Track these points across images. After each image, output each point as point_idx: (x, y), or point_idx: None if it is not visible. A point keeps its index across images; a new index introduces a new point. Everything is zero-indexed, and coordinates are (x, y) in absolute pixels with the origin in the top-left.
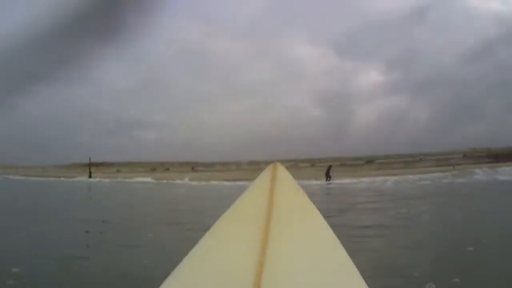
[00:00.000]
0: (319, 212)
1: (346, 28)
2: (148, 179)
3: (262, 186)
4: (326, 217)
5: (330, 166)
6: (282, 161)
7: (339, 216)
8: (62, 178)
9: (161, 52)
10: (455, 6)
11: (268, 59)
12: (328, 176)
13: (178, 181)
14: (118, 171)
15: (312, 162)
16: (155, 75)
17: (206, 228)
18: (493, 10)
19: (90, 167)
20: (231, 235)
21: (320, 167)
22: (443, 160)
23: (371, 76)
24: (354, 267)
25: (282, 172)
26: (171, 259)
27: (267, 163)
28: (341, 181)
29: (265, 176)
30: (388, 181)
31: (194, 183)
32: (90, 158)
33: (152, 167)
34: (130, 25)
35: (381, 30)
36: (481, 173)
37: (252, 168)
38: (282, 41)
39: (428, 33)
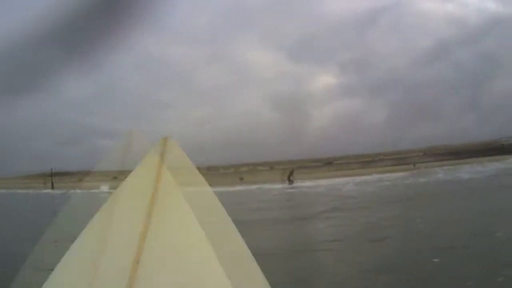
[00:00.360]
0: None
1: (300, 33)
2: (105, 189)
3: (149, 168)
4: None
5: (293, 170)
6: (241, 165)
7: (301, 227)
8: (30, 191)
9: (120, 60)
10: (409, 9)
11: (223, 65)
12: (290, 180)
13: None
14: (80, 180)
15: (271, 165)
16: (115, 84)
17: None
18: (448, 12)
19: (52, 177)
20: (111, 229)
21: (279, 170)
22: (402, 159)
23: (325, 79)
24: (217, 261)
25: (173, 149)
26: None
27: (225, 168)
28: (304, 184)
29: (153, 156)
30: (349, 183)
31: None
32: (52, 169)
33: (114, 175)
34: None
35: (334, 34)
36: (442, 172)
37: (211, 173)
38: (237, 47)
39: (381, 36)
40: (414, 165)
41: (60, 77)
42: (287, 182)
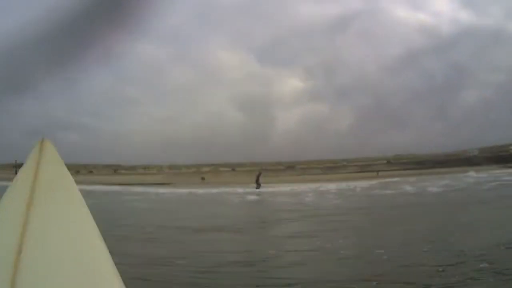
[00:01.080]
0: (84, 203)
1: (269, 36)
2: None
3: (27, 172)
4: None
5: (260, 173)
6: (203, 165)
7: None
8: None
9: (85, 54)
10: (381, 16)
11: (190, 64)
12: (258, 183)
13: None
14: None
15: (233, 167)
16: (79, 77)
17: None
18: (420, 21)
19: (17, 169)
20: None
21: (241, 172)
22: (366, 166)
23: (293, 83)
24: (110, 258)
25: (50, 153)
26: None
27: (188, 167)
28: (270, 189)
29: (32, 159)
30: (309, 193)
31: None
32: (16, 161)
33: (76, 170)
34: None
35: (304, 38)
36: (408, 183)
37: (172, 172)
38: (204, 47)
39: (352, 42)
40: (377, 173)
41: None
42: (255, 185)
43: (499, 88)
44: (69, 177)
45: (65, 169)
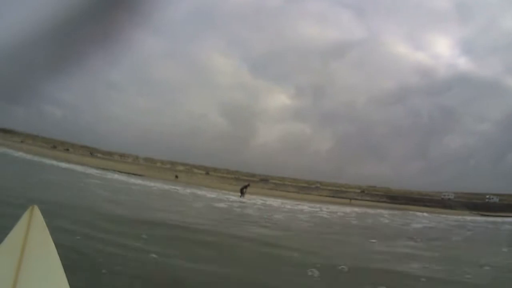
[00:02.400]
0: (63, 273)
1: (265, 49)
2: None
3: (16, 238)
4: None
5: (248, 185)
6: (178, 163)
7: None
8: None
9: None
10: (380, 49)
11: (182, 61)
12: (242, 192)
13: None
14: (22, 142)
15: (207, 170)
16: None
17: None
18: (417, 61)
19: None
20: None
21: (215, 178)
22: (339, 192)
23: (280, 99)
24: None
25: (38, 222)
26: None
27: (163, 162)
28: (251, 200)
29: (21, 225)
30: (282, 209)
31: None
32: None
33: (53, 144)
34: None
35: (299, 57)
36: (387, 216)
37: (147, 164)
38: (200, 47)
39: (346, 69)
40: (350, 200)
41: None
42: (240, 194)
43: (483, 138)
44: (52, 246)
45: (50, 237)
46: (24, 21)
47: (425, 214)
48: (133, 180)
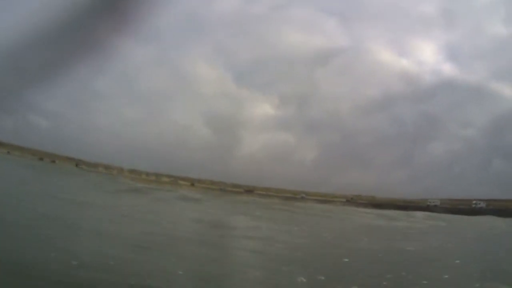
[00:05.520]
0: None
1: (249, 57)
2: None
3: None
4: None
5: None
6: (162, 175)
7: None
8: None
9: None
10: (365, 57)
11: (167, 70)
12: None
13: None
14: (8, 153)
15: (192, 182)
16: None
17: None
18: (402, 67)
19: None
20: None
21: (200, 189)
22: (324, 201)
23: (264, 108)
24: None
25: None
26: None
27: (148, 174)
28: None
29: None
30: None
31: None
32: None
33: (40, 156)
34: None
35: (283, 66)
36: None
37: (132, 176)
38: (185, 56)
39: (330, 77)
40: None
41: None
42: None
43: (467, 144)
44: None
45: None
46: (10, 30)
47: None
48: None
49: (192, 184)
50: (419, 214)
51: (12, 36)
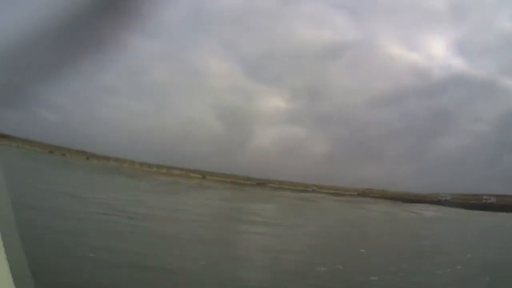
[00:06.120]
0: None
1: (259, 51)
2: None
3: None
4: None
5: None
6: (173, 168)
7: None
8: None
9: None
10: (375, 51)
11: (176, 64)
12: None
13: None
14: (18, 147)
15: (203, 174)
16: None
17: None
18: (412, 61)
19: None
20: None
21: (212, 181)
22: (336, 195)
23: (275, 102)
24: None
25: None
26: None
27: (159, 166)
28: None
29: None
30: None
31: None
32: None
33: (50, 150)
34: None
35: (294, 59)
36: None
37: (143, 169)
38: (194, 50)
39: (341, 71)
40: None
41: None
42: None
43: (479, 138)
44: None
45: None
46: (19, 25)
47: None
48: None
49: (204, 177)
50: (432, 208)
51: (18, 32)
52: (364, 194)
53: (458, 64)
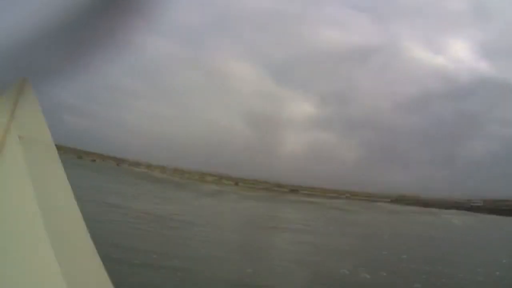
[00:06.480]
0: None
1: (287, 55)
2: None
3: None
4: None
5: None
6: (206, 174)
7: None
8: None
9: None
10: (400, 55)
11: (202, 68)
12: None
13: None
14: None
15: (236, 181)
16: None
17: None
18: (438, 65)
19: None
20: None
21: (245, 188)
22: (370, 201)
23: (304, 107)
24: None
25: (29, 96)
26: None
27: (190, 173)
28: None
29: (8, 98)
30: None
31: None
32: None
33: (79, 155)
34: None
35: (321, 64)
36: None
37: (177, 176)
38: (220, 55)
39: (368, 75)
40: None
41: None
42: None
43: (507, 142)
44: (45, 127)
45: (42, 117)
46: (38, 25)
47: None
48: None
49: (236, 183)
50: (464, 214)
51: (36, 32)
52: (398, 200)
53: (485, 66)
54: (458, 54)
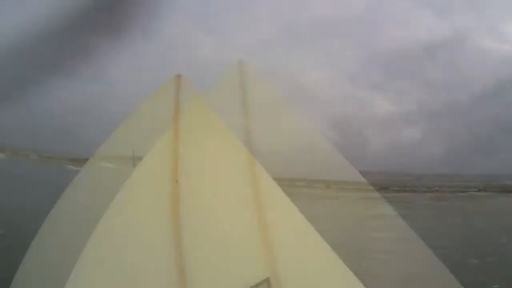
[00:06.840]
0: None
1: (358, 58)
2: None
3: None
4: None
5: None
6: (296, 180)
7: None
8: None
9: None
10: (468, 45)
11: (277, 79)
12: None
13: None
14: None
15: (327, 184)
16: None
17: None
18: (506, 52)
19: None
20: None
21: (337, 190)
22: (460, 191)
23: (383, 106)
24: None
25: (189, 91)
26: None
27: (280, 180)
28: None
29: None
30: None
31: None
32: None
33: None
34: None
35: (393, 62)
36: None
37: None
38: (294, 64)
39: (439, 69)
40: None
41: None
42: None
43: None
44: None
45: (210, 111)
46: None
47: None
48: None
49: (328, 186)
50: None
51: (48, 32)
52: (485, 189)
53: None
54: None
